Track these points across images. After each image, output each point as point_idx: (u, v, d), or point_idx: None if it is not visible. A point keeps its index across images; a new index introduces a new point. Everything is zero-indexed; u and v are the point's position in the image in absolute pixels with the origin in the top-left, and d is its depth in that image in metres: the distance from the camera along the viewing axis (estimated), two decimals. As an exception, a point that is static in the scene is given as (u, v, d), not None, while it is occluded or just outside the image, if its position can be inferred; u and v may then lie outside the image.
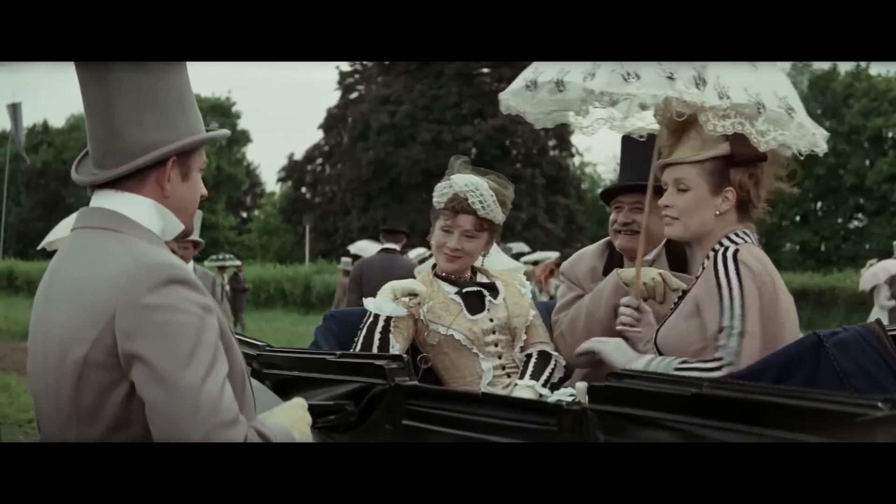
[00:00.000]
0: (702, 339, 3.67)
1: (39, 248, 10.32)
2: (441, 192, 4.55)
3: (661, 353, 3.81)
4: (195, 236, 10.89)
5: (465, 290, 4.58)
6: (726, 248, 3.71)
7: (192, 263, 11.08)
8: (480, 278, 4.70)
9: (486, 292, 4.60)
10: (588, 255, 4.92)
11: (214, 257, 25.55)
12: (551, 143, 55.70)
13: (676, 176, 3.85)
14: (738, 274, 3.60)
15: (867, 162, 54.78)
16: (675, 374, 3.53)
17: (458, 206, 4.48)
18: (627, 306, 4.10)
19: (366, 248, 17.60)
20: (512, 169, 51.55)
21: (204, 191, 2.95)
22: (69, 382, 2.57)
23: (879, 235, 52.28)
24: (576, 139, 58.20)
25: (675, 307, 3.90)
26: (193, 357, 2.47)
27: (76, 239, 2.76)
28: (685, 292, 3.91)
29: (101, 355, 2.52)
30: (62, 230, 9.64)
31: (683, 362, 3.58)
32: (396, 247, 11.73)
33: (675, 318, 3.83)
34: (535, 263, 23.85)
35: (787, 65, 60.72)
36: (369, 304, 4.41)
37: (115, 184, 2.77)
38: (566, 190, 55.68)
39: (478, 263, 4.72)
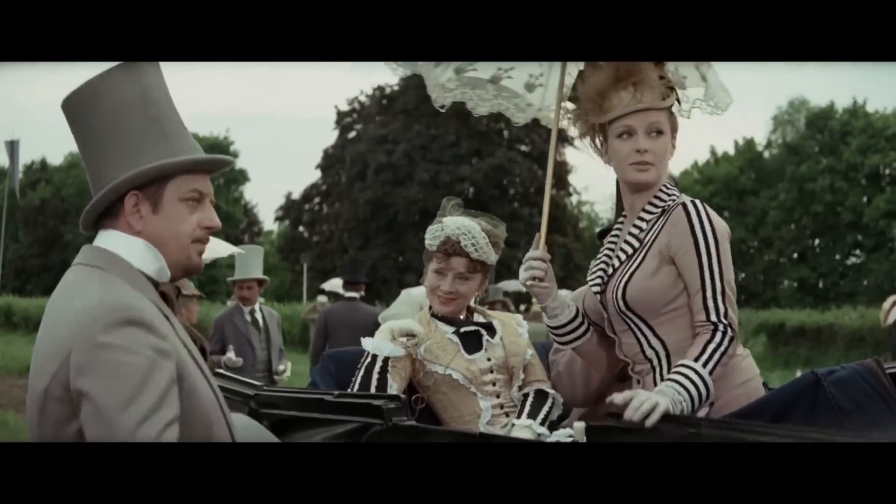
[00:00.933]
0: (673, 291, 3.80)
1: None
2: (433, 235, 4.53)
3: (629, 308, 3.87)
4: (258, 273, 10.80)
5: (462, 330, 4.55)
6: (686, 202, 3.83)
7: (258, 303, 10.89)
8: (477, 318, 4.66)
9: (483, 332, 4.57)
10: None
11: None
12: (549, 181, 55.57)
13: (652, 120, 3.92)
14: (713, 230, 3.75)
15: (864, 199, 54.85)
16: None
17: (451, 248, 4.47)
18: (538, 259, 4.03)
19: (339, 286, 18.07)
20: (510, 208, 51.60)
21: (211, 222, 2.90)
22: (34, 414, 2.61)
23: (878, 272, 52.33)
24: (573, 178, 58.30)
25: (630, 258, 3.94)
26: (134, 400, 2.48)
27: (68, 274, 2.81)
28: (639, 241, 3.94)
29: (58, 389, 2.55)
30: None
31: (698, 359, 3.59)
32: (356, 295, 12.41)
33: (642, 273, 3.86)
34: None
35: (783, 102, 61.09)
36: (367, 343, 4.39)
37: (105, 223, 2.82)
38: (564, 229, 55.57)
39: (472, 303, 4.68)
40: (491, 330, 4.60)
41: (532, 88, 4.69)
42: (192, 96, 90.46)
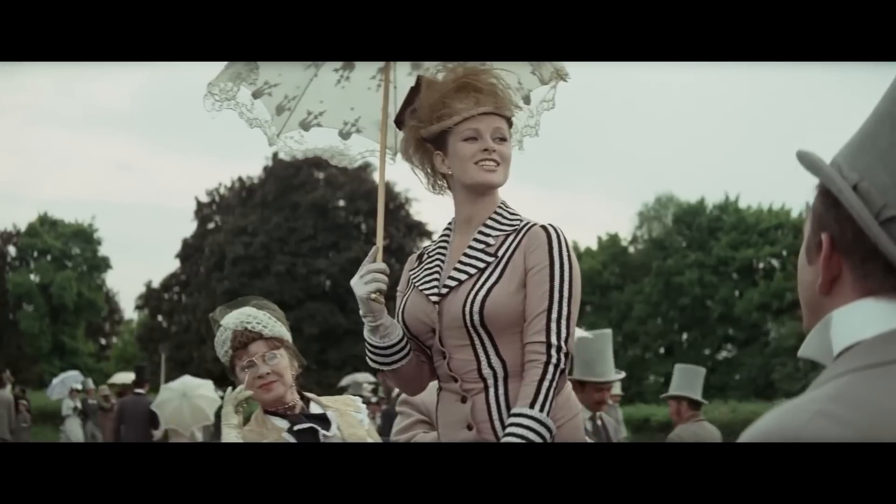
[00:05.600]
0: (524, 310, 3.78)
1: None
2: (222, 343, 4.53)
3: (482, 322, 3.78)
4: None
5: (296, 428, 4.45)
6: (546, 224, 3.84)
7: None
8: (313, 407, 4.59)
9: (318, 427, 4.48)
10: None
11: None
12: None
13: (496, 125, 3.92)
14: (570, 260, 3.78)
15: (736, 292, 55.24)
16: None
17: (244, 338, 4.46)
18: (381, 272, 4.02)
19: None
20: (366, 301, 51.24)
21: None
22: None
23: (751, 366, 52.75)
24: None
25: (482, 271, 3.87)
26: None
27: None
28: (490, 256, 3.89)
29: None
30: None
31: (534, 404, 3.60)
32: (142, 391, 16.68)
33: (503, 289, 3.80)
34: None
35: (650, 198, 61.42)
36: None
37: None
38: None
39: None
40: (325, 422, 4.52)
41: (348, 136, 4.73)
42: (57, 181, 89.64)
